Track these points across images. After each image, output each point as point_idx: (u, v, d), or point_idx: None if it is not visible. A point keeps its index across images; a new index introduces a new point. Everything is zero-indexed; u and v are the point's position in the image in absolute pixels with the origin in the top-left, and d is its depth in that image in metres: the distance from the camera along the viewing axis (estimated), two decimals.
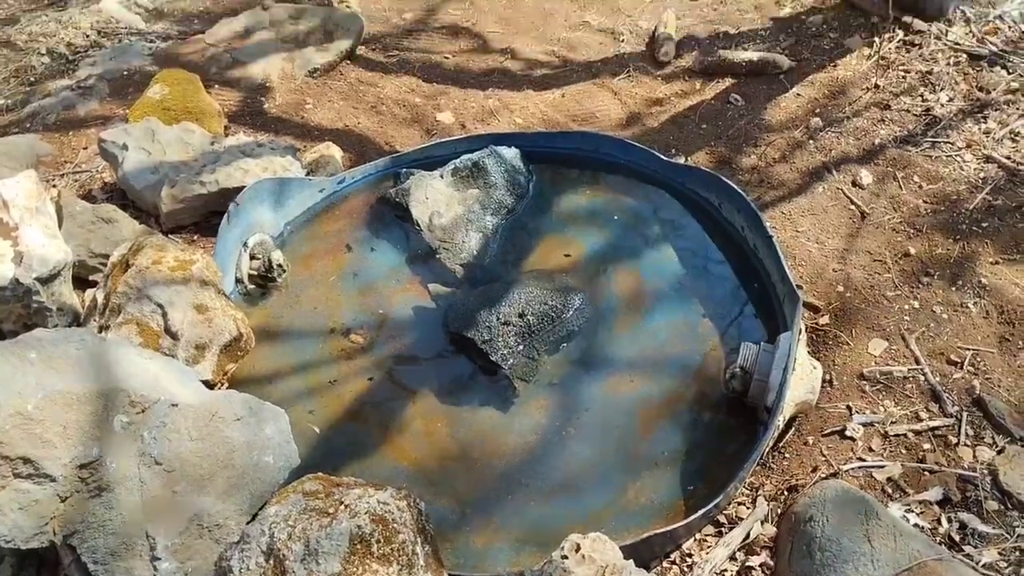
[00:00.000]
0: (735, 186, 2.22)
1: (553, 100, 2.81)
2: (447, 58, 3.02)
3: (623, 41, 3.07)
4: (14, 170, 2.54)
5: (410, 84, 2.89)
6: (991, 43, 2.79)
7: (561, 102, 2.80)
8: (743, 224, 2.21)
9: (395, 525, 1.51)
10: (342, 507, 1.53)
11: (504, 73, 2.95)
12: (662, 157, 2.38)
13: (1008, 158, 2.43)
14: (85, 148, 2.60)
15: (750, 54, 2.87)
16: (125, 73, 2.86)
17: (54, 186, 2.44)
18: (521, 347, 1.98)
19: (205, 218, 2.34)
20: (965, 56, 2.76)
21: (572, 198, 2.38)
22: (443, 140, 2.52)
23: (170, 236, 2.30)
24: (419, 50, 3.06)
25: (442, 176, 2.34)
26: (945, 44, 2.82)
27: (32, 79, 2.91)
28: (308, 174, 2.45)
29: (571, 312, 2.04)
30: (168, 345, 1.87)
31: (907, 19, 2.88)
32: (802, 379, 1.81)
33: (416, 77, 2.92)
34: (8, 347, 1.58)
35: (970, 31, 2.84)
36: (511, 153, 2.43)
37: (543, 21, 3.19)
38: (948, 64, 2.75)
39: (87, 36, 3.11)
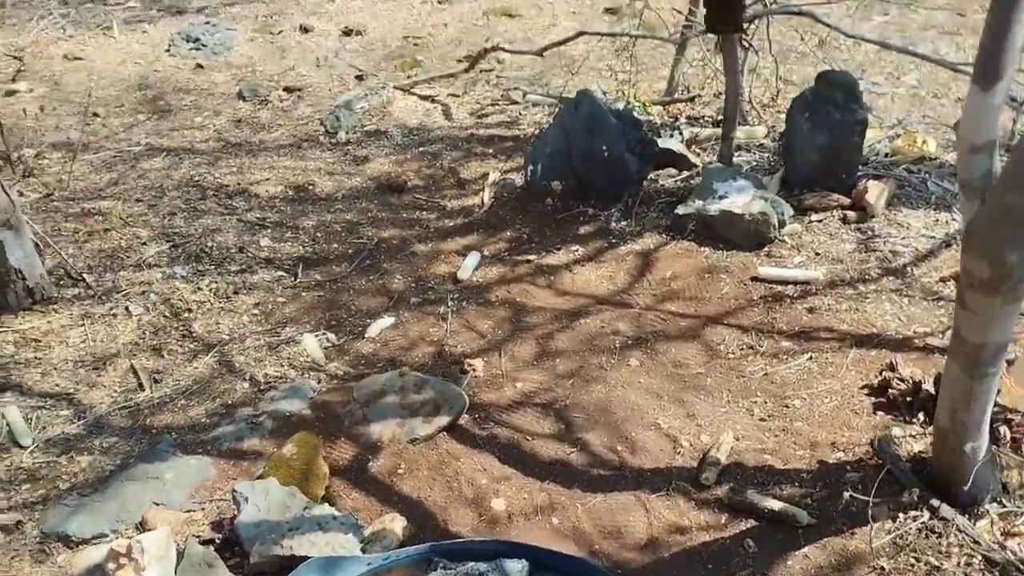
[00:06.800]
0: None
1: (592, 505, 3.22)
2: (527, 439, 3.55)
3: (679, 453, 3.42)
4: (182, 490, 3.40)
5: (484, 463, 3.44)
6: (1011, 549, 2.80)
7: (597, 508, 3.20)
8: None
9: None
10: None
11: (565, 466, 3.41)
12: None
13: None
14: (235, 479, 3.41)
15: (773, 503, 3.10)
16: (287, 415, 3.69)
17: (190, 511, 3.24)
18: None
19: (279, 572, 3.01)
20: (980, 558, 2.80)
21: None
22: (475, 539, 3.03)
23: None
24: (509, 426, 3.62)
25: None
26: (964, 539, 2.86)
27: (230, 402, 3.83)
28: (365, 543, 3.06)
29: None
30: None
31: (935, 503, 2.95)
32: None
33: (493, 456, 3.47)
34: None
35: (994, 531, 2.87)
36: (518, 567, 2.87)
37: (623, 413, 3.62)
38: (958, 565, 2.80)
39: (281, 366, 4.03)
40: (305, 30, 8.97)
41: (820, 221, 4.73)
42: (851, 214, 4.71)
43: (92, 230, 5.18)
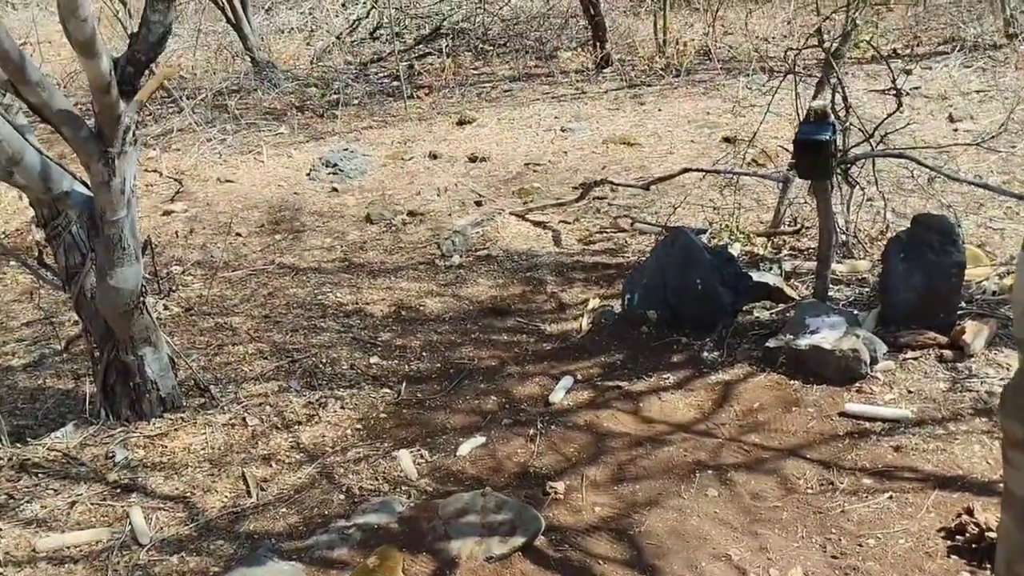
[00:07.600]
0: None
1: None
2: (599, 563, 3.72)
3: None
4: None
5: None
6: None
7: None
8: None
9: None
10: None
11: None
12: None
13: None
14: None
15: None
16: (375, 527, 4.02)
17: None
18: None
19: None
20: None
21: None
22: None
23: None
24: (582, 549, 3.81)
25: None
26: None
27: (326, 512, 4.20)
28: None
29: None
30: None
31: None
32: None
33: None
34: None
35: None
36: None
37: (696, 543, 3.76)
38: None
39: (376, 479, 4.38)
40: (434, 156, 9.74)
41: (915, 359, 4.77)
42: (948, 353, 4.73)
43: (222, 343, 5.81)
